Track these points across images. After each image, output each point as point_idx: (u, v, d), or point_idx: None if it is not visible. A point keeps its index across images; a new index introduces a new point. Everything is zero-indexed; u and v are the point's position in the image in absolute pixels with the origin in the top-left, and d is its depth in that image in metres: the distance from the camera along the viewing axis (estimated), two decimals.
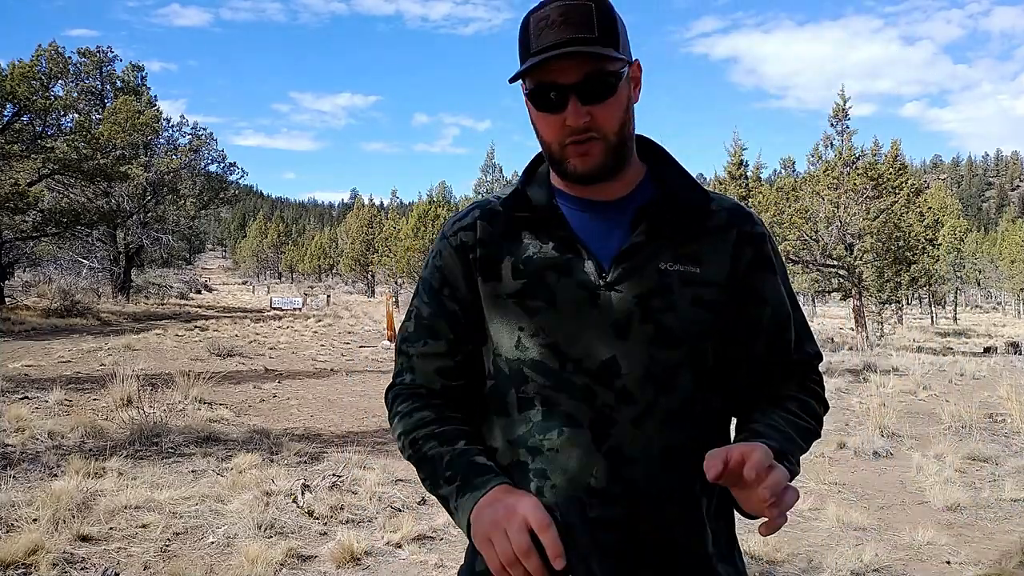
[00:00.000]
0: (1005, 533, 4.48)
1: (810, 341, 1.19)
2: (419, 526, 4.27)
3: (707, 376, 1.09)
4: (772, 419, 1.08)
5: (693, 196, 1.12)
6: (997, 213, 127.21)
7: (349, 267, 58.56)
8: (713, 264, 1.10)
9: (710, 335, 1.09)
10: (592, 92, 1.03)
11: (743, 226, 1.13)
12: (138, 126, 27.18)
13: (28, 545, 3.60)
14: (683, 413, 1.06)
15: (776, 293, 1.14)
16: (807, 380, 1.17)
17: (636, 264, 1.07)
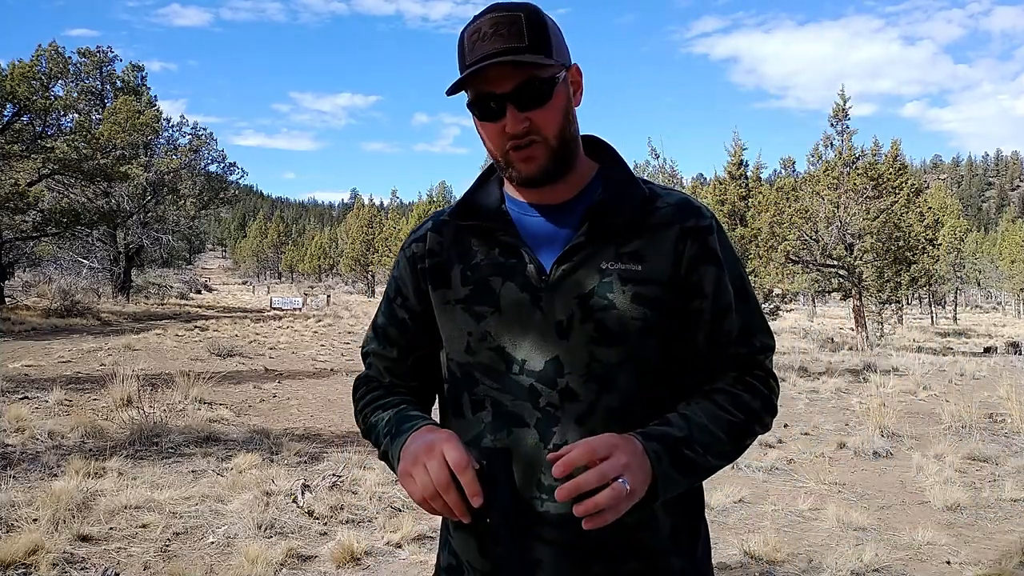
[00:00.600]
0: (1005, 533, 4.48)
1: (761, 333, 1.16)
2: (419, 526, 4.27)
3: (652, 374, 1.10)
4: (685, 410, 1.08)
5: (634, 193, 1.13)
6: (997, 213, 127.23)
7: (349, 267, 58.59)
8: (655, 261, 1.10)
9: (652, 333, 1.09)
10: (528, 99, 1.07)
11: (686, 221, 1.13)
12: (138, 126, 27.19)
13: (28, 545, 3.60)
14: (626, 410, 1.08)
15: (716, 284, 1.12)
16: (746, 373, 1.14)
17: (576, 264, 1.10)
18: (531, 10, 1.08)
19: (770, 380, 1.16)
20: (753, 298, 1.17)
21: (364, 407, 1.24)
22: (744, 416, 1.10)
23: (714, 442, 1.07)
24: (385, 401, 1.22)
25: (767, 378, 1.15)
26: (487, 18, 1.06)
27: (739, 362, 1.14)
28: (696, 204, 1.16)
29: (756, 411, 1.12)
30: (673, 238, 1.11)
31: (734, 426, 1.09)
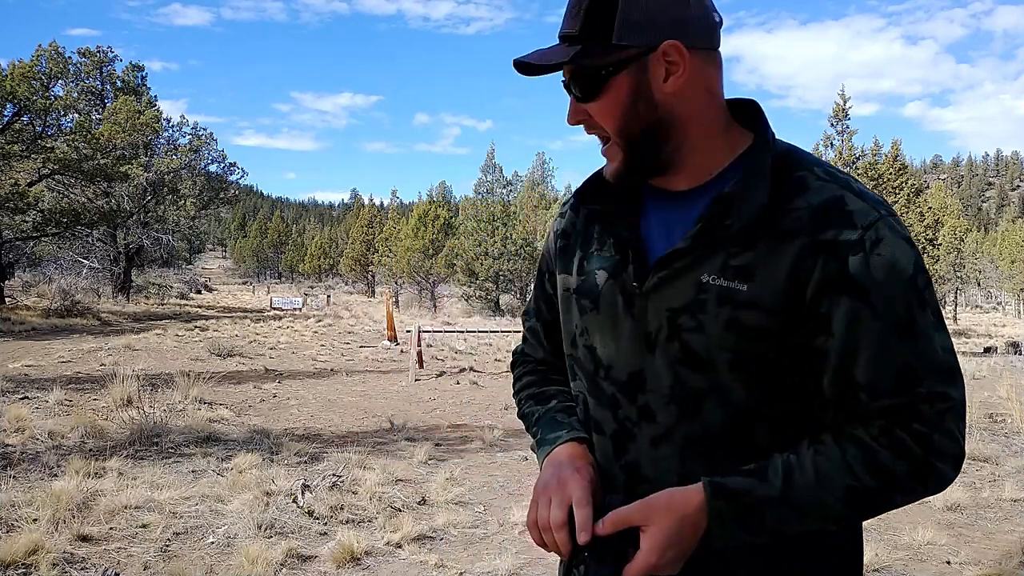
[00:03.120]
0: (1005, 533, 4.48)
1: (933, 378, 0.88)
2: (419, 526, 4.27)
3: (748, 412, 0.94)
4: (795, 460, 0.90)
5: (763, 187, 0.92)
6: (997, 213, 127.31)
7: (349, 267, 58.58)
8: (766, 281, 0.90)
9: (746, 367, 0.92)
10: (580, 91, 0.97)
11: (822, 232, 0.89)
12: (138, 126, 27.21)
13: (28, 545, 3.60)
14: (709, 443, 0.95)
15: (848, 321, 0.88)
16: (899, 425, 0.88)
17: (673, 273, 0.95)
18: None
19: (937, 439, 0.87)
20: (926, 334, 0.89)
21: (519, 391, 1.27)
22: (876, 482, 0.88)
23: (817, 507, 0.89)
24: (539, 392, 1.21)
25: (931, 435, 0.87)
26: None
27: (890, 413, 0.89)
28: (849, 208, 0.90)
29: (897, 477, 0.88)
30: (796, 252, 0.89)
31: (855, 493, 0.88)
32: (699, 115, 0.97)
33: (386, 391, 10.03)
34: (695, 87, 0.95)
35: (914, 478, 0.89)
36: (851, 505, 0.89)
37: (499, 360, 13.74)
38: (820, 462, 0.89)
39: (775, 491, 0.89)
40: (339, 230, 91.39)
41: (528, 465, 6.05)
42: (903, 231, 0.91)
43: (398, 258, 40.81)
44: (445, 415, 8.37)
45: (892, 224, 0.90)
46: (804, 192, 0.92)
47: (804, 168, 0.94)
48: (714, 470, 0.93)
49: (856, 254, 0.88)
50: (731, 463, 0.94)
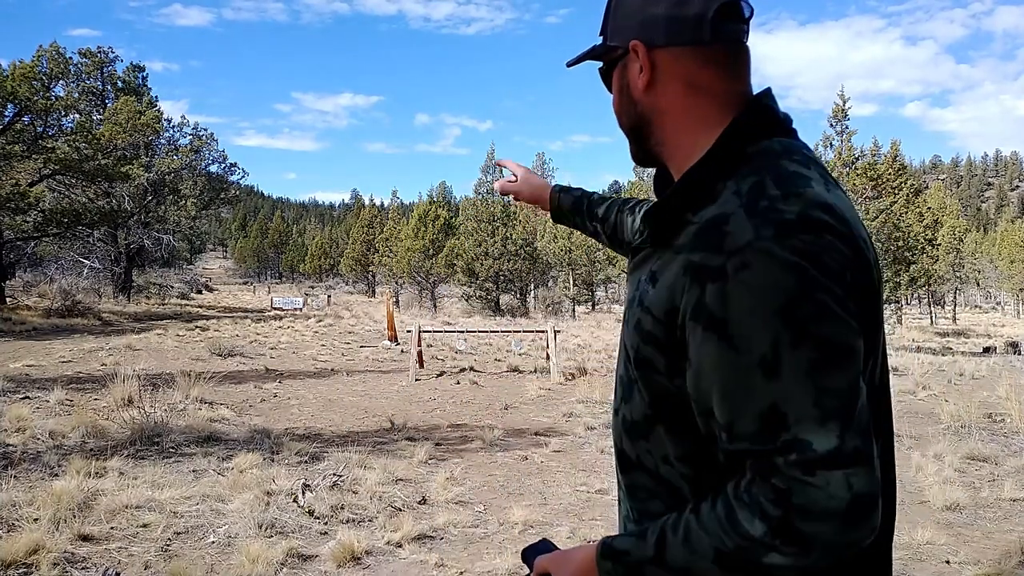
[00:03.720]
0: (1004, 533, 4.48)
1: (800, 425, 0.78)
2: (419, 526, 4.28)
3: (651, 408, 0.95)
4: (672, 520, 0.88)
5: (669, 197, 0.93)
6: (996, 213, 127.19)
7: (350, 267, 58.58)
8: (660, 291, 0.90)
9: (641, 367, 0.94)
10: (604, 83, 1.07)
11: (693, 253, 0.86)
12: (139, 126, 27.23)
13: (29, 544, 3.61)
14: (636, 429, 0.98)
15: (699, 352, 0.84)
16: (758, 480, 0.80)
17: (635, 266, 1.03)
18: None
19: (798, 496, 0.77)
20: (796, 374, 0.78)
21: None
22: (739, 541, 0.80)
23: (694, 570, 0.84)
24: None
25: (789, 492, 0.77)
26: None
27: (752, 463, 0.81)
28: (727, 229, 0.83)
29: (756, 539, 0.79)
30: (676, 269, 0.88)
31: (723, 557, 0.81)
32: (676, 111, 0.97)
33: (386, 391, 10.03)
34: (668, 83, 0.96)
35: (779, 539, 0.78)
36: (724, 568, 0.82)
37: (499, 360, 13.76)
38: (691, 521, 0.85)
39: (649, 552, 0.87)
40: (339, 230, 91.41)
41: (528, 465, 6.06)
42: (789, 256, 0.79)
43: (398, 258, 40.81)
44: (445, 415, 8.37)
45: (770, 248, 0.79)
46: (708, 205, 0.88)
47: (739, 177, 0.88)
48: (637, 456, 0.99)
49: (715, 282, 0.81)
50: (646, 456, 0.97)
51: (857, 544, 0.79)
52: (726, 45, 0.95)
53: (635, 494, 1.01)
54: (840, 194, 0.90)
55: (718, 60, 0.94)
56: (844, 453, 0.77)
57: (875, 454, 0.80)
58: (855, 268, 0.83)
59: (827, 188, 0.87)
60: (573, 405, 8.84)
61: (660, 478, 0.96)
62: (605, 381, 10.21)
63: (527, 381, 10.93)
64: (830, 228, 0.82)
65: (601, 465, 6.07)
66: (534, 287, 41.11)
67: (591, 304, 43.36)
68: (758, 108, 0.94)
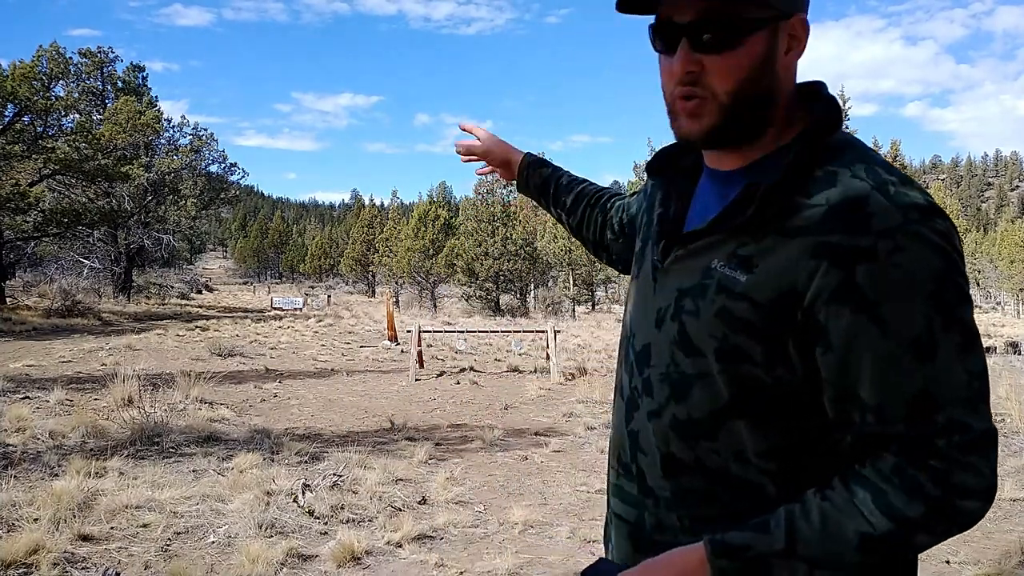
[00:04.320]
0: (1005, 533, 4.48)
1: (954, 406, 0.80)
2: (419, 526, 4.28)
3: (730, 404, 0.91)
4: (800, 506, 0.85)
5: (782, 180, 0.87)
6: (996, 213, 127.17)
7: (350, 267, 58.58)
8: (764, 275, 0.86)
9: (729, 358, 0.89)
10: (706, 39, 0.87)
11: (831, 234, 0.82)
12: (139, 126, 27.23)
13: (29, 545, 3.61)
14: (692, 430, 0.93)
15: (848, 336, 0.82)
16: (913, 463, 0.81)
17: (688, 254, 0.95)
18: None
19: (957, 476, 0.79)
20: (948, 356, 0.80)
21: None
22: (891, 525, 0.80)
23: (829, 558, 0.82)
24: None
25: (949, 472, 0.79)
26: None
27: (902, 445, 0.81)
28: (869, 210, 0.81)
29: (912, 520, 0.80)
30: (801, 252, 0.83)
31: (870, 540, 0.81)
32: (787, 95, 0.93)
33: (386, 391, 10.03)
34: (795, 66, 0.93)
35: (935, 518, 0.80)
36: (868, 552, 0.82)
37: (499, 360, 13.76)
38: (827, 509, 0.83)
39: (779, 544, 0.83)
40: (339, 230, 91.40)
41: (528, 465, 6.06)
42: (937, 239, 0.80)
43: (398, 258, 40.81)
44: (445, 415, 8.37)
45: (920, 231, 0.80)
46: (829, 188, 0.84)
47: (844, 163, 0.86)
48: (695, 460, 0.94)
49: (866, 263, 0.80)
50: (710, 456, 0.93)
51: (982, 517, 0.83)
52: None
53: (686, 500, 0.95)
54: None
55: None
56: (991, 433, 0.81)
57: None
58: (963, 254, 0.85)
59: None
60: (573, 405, 8.84)
61: (727, 478, 0.92)
62: (605, 381, 10.20)
63: (527, 381, 10.93)
64: (948, 215, 0.84)
65: (601, 465, 6.06)
66: (534, 287, 41.10)
67: (591, 304, 43.36)
68: (833, 100, 0.94)
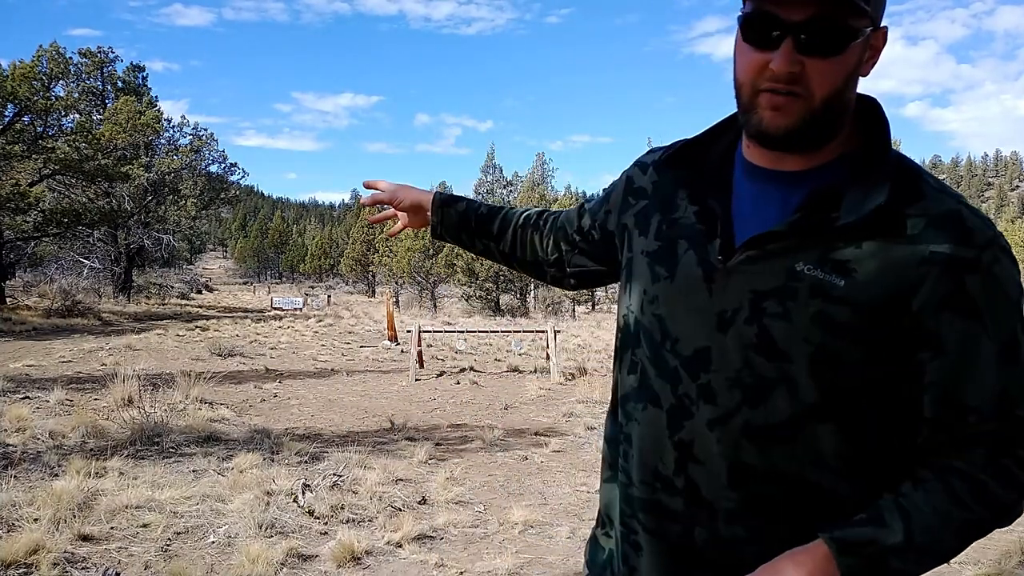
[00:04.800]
0: (1004, 533, 4.48)
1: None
2: (419, 526, 4.28)
3: (814, 407, 0.91)
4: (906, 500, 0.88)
5: (883, 187, 0.88)
6: (996, 213, 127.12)
7: (350, 267, 58.59)
8: (866, 281, 0.87)
9: (823, 362, 0.89)
10: (815, 41, 0.87)
11: (939, 244, 0.86)
12: (139, 126, 27.23)
13: (29, 545, 3.61)
14: (768, 435, 0.92)
15: (963, 343, 0.87)
16: (1003, 454, 0.88)
17: (765, 255, 0.92)
18: None
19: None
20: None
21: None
22: (989, 513, 0.88)
23: (938, 546, 0.87)
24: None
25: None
26: None
27: (993, 439, 0.88)
28: (968, 225, 0.87)
29: (1007, 506, 0.89)
30: (909, 261, 0.86)
31: (970, 526, 0.88)
32: (850, 104, 0.95)
33: (386, 391, 10.03)
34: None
35: (1020, 504, 0.89)
36: (963, 540, 0.88)
37: (499, 360, 13.76)
38: (935, 500, 0.87)
39: (899, 536, 0.86)
40: (339, 230, 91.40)
41: (528, 465, 6.06)
42: (1011, 251, 0.89)
43: (398, 258, 40.81)
44: (445, 415, 8.37)
45: (1004, 244, 0.88)
46: (920, 200, 0.89)
47: (921, 177, 0.91)
48: (770, 466, 0.93)
49: (974, 273, 0.85)
50: (792, 464, 0.92)
51: None
52: None
53: (754, 509, 0.94)
54: None
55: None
56: None
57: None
58: None
59: None
60: (573, 405, 8.84)
61: (801, 484, 0.92)
62: (605, 381, 10.20)
63: (527, 381, 10.92)
64: None
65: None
66: (534, 287, 41.09)
67: (591, 304, 43.37)
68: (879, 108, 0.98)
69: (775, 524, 0.93)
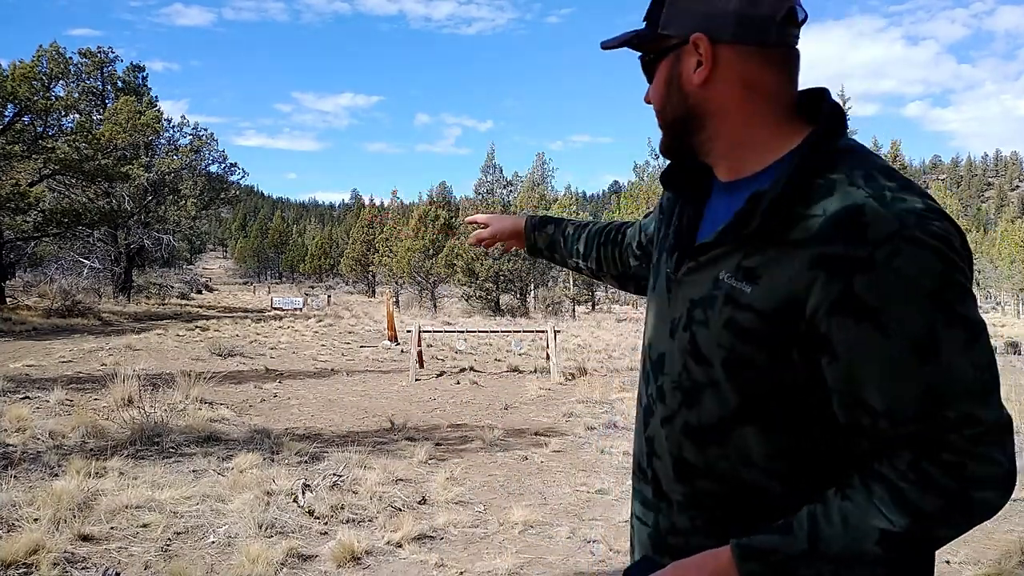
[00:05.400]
0: (1004, 533, 4.48)
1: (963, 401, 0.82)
2: (419, 526, 4.28)
3: (738, 411, 0.94)
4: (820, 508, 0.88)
5: (783, 191, 0.89)
6: (996, 213, 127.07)
7: (350, 267, 58.58)
8: (768, 286, 0.88)
9: (735, 367, 0.92)
10: (644, 71, 1.05)
11: (828, 244, 0.84)
12: (139, 126, 27.22)
13: (29, 545, 3.61)
14: (702, 435, 0.97)
15: (851, 345, 0.84)
16: (926, 457, 0.83)
17: (699, 265, 0.99)
18: None
19: (971, 467, 0.82)
20: (952, 353, 0.82)
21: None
22: (908, 521, 0.82)
23: (853, 555, 0.84)
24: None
25: (964, 465, 0.82)
26: None
27: (915, 443, 0.83)
28: (866, 220, 0.83)
29: (929, 513, 0.82)
30: (799, 262, 0.86)
31: (891, 537, 0.83)
32: (735, 110, 0.96)
33: (386, 391, 10.03)
34: (727, 81, 0.95)
35: (952, 511, 0.82)
36: (889, 549, 0.84)
37: (499, 360, 13.76)
38: (847, 508, 0.86)
39: (803, 545, 0.86)
40: (339, 230, 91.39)
41: (528, 465, 6.06)
42: (933, 241, 0.82)
43: (398, 258, 40.79)
44: (445, 415, 8.37)
45: (915, 235, 0.82)
46: (827, 197, 0.87)
47: (843, 171, 0.89)
48: (707, 464, 0.98)
49: (864, 272, 0.82)
50: (722, 461, 0.96)
51: (1002, 506, 0.84)
52: (784, 48, 0.96)
53: (701, 503, 0.99)
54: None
55: (775, 62, 0.96)
56: (1003, 422, 0.83)
57: None
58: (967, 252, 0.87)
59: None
60: (573, 405, 8.84)
61: (737, 481, 0.95)
62: (605, 381, 10.21)
63: (527, 381, 10.92)
64: (947, 215, 0.86)
65: (601, 465, 6.07)
66: (534, 287, 41.07)
67: (591, 304, 43.35)
68: (836, 108, 0.96)
69: (717, 519, 0.98)
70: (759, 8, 0.93)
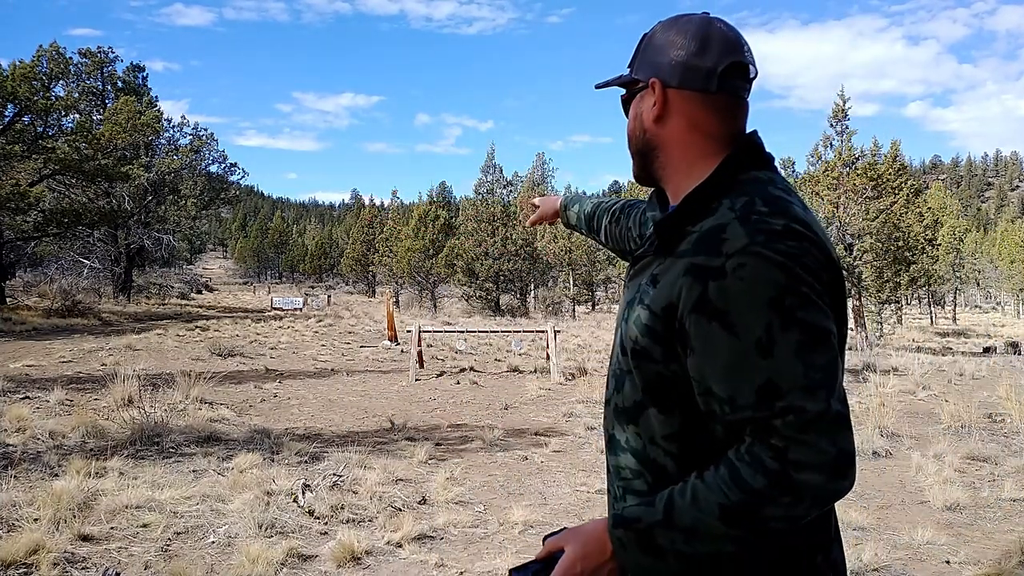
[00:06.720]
0: (1005, 533, 4.48)
1: (793, 393, 0.93)
2: (419, 526, 4.28)
3: (643, 395, 1.10)
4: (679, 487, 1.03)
5: (675, 212, 1.10)
6: (996, 213, 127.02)
7: (350, 267, 58.56)
8: (662, 290, 1.06)
9: (642, 359, 1.08)
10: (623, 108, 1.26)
11: (695, 255, 1.02)
12: (139, 126, 27.21)
13: (29, 545, 3.61)
14: (624, 416, 1.15)
15: (703, 340, 0.98)
16: (758, 442, 0.95)
17: (634, 273, 1.19)
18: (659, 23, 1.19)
19: (793, 451, 0.93)
20: (786, 352, 0.94)
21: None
22: (742, 495, 0.94)
23: (700, 527, 0.97)
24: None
25: (786, 449, 0.93)
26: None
27: (751, 427, 0.96)
28: (724, 236, 1.00)
29: (757, 490, 0.94)
30: (678, 270, 1.04)
31: (726, 510, 0.95)
32: (679, 144, 1.16)
33: (386, 391, 10.04)
34: (675, 120, 1.15)
35: (776, 491, 0.93)
36: (729, 523, 0.95)
37: (499, 360, 13.76)
38: (698, 486, 0.99)
39: (658, 515, 1.01)
40: (339, 230, 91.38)
41: (528, 465, 6.06)
42: (778, 257, 0.96)
43: (398, 258, 40.79)
44: (445, 415, 8.37)
45: (761, 251, 0.97)
46: (705, 218, 1.05)
47: (732, 197, 1.06)
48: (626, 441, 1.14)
49: (717, 279, 0.98)
50: (635, 439, 1.12)
51: (840, 494, 0.95)
52: (727, 96, 1.13)
53: (621, 474, 1.16)
54: (814, 216, 1.08)
55: (718, 107, 1.13)
56: (830, 415, 0.94)
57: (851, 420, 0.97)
58: (829, 271, 1.01)
59: (804, 210, 1.06)
60: (573, 405, 8.84)
61: (646, 458, 1.11)
62: (604, 381, 10.19)
63: (527, 381, 10.93)
64: (808, 238, 1.00)
65: (601, 465, 6.07)
66: (534, 287, 41.10)
67: (591, 304, 43.36)
68: (749, 144, 1.14)
69: (635, 490, 1.13)
70: (704, 61, 1.11)
